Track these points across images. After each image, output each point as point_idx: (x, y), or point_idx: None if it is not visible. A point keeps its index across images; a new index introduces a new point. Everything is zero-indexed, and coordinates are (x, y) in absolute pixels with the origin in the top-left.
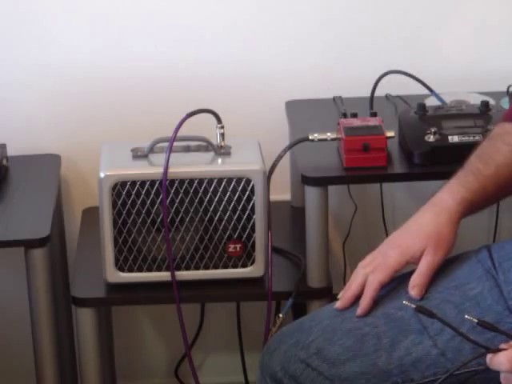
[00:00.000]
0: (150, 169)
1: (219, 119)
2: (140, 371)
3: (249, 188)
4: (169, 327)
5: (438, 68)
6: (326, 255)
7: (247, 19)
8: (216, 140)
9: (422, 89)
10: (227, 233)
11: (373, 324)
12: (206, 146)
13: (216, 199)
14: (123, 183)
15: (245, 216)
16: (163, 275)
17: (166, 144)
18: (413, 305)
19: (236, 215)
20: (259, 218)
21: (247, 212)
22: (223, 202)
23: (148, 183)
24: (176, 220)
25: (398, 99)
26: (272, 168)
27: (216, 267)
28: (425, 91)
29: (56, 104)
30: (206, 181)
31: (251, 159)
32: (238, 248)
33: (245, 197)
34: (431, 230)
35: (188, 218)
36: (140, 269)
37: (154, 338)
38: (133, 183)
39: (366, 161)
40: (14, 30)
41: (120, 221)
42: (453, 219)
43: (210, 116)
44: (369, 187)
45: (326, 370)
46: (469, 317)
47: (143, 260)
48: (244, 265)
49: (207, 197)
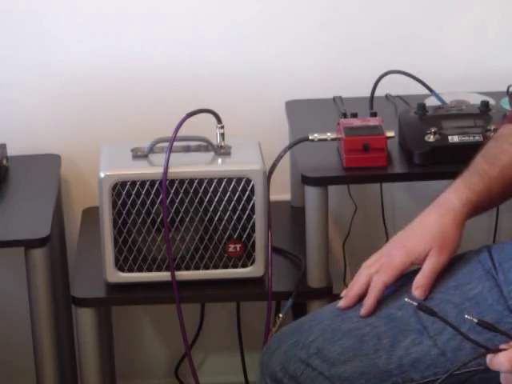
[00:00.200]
0: (150, 169)
1: (219, 119)
2: (140, 371)
3: (249, 188)
4: (169, 327)
5: (438, 68)
6: (326, 255)
7: (247, 19)
8: (216, 140)
9: (422, 89)
10: (227, 233)
11: (373, 324)
12: (206, 146)
13: (216, 199)
14: (123, 183)
15: (245, 216)
16: (163, 275)
17: (166, 144)
18: (414, 302)
19: (236, 215)
20: (259, 218)
21: (247, 212)
22: (223, 202)
23: (148, 183)
24: (176, 220)
25: (398, 99)
26: (272, 168)
27: (216, 267)
28: (425, 91)
29: (56, 104)
30: (206, 181)
31: (251, 159)
32: (238, 248)
33: (245, 197)
34: (436, 231)
35: (188, 218)
36: (140, 269)
37: (154, 338)
38: (133, 183)
39: (366, 161)
40: (14, 30)
41: (120, 221)
42: (458, 220)
43: (210, 116)
44: (369, 187)
45: (326, 370)
46: (469, 316)
47: (143, 260)
48: (244, 265)
49: (207, 197)
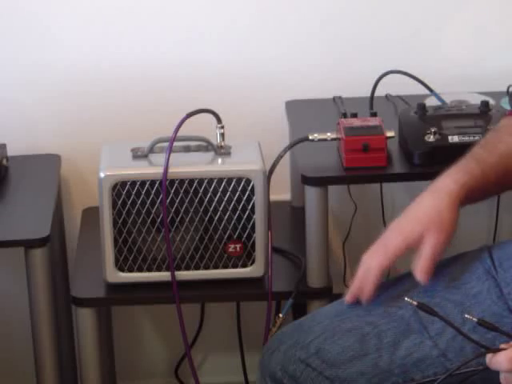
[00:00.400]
0: (150, 169)
1: (219, 119)
2: (140, 371)
3: (249, 188)
4: (169, 327)
5: (438, 68)
6: (326, 255)
7: (247, 19)
8: (216, 140)
9: (422, 89)
10: (227, 233)
11: (373, 323)
12: (206, 146)
13: (216, 199)
14: (123, 183)
15: (245, 216)
16: (163, 275)
17: (166, 144)
18: (414, 302)
19: (236, 215)
20: (259, 218)
21: (247, 212)
22: (223, 202)
23: (148, 183)
24: (176, 220)
25: (398, 99)
26: (272, 168)
27: (216, 267)
28: (425, 91)
29: (56, 104)
30: (206, 181)
31: (251, 159)
32: (238, 248)
33: (245, 197)
34: (432, 214)
35: (188, 218)
36: (140, 269)
37: (154, 338)
38: (133, 183)
39: (366, 161)
40: (14, 30)
41: (120, 221)
42: (454, 203)
43: (210, 116)
44: (369, 187)
45: (326, 370)
46: (469, 316)
47: (143, 260)
48: (244, 265)
49: (207, 197)
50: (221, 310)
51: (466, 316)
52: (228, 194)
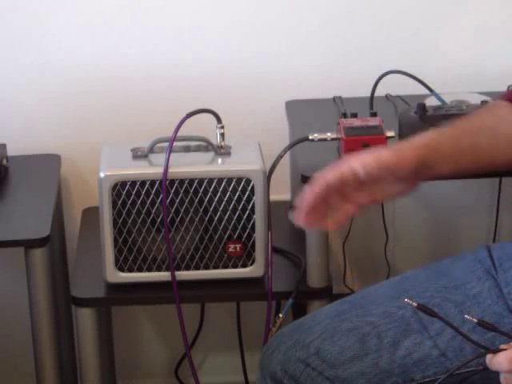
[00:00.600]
0: (150, 169)
1: (219, 119)
2: (140, 371)
3: (249, 188)
4: (169, 327)
5: (438, 68)
6: (326, 255)
7: (247, 19)
8: (216, 140)
9: (422, 89)
10: (227, 233)
11: (373, 323)
12: (206, 146)
13: (216, 199)
14: (123, 183)
15: (245, 216)
16: (163, 275)
17: (166, 144)
18: (414, 303)
19: (236, 215)
20: (259, 218)
21: (247, 212)
22: (223, 202)
23: (148, 183)
24: (176, 220)
25: (398, 99)
26: (272, 168)
27: (216, 267)
28: (425, 91)
29: (56, 104)
30: (206, 181)
31: (251, 159)
32: (238, 248)
33: (245, 197)
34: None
35: (188, 218)
36: (140, 269)
37: (154, 338)
38: (133, 183)
39: None
40: (14, 30)
41: (120, 221)
42: (417, 144)
43: (210, 116)
44: None
45: (326, 370)
46: (469, 317)
47: (143, 260)
48: (244, 265)
49: (207, 197)
50: (221, 310)
51: (466, 317)
52: (228, 194)
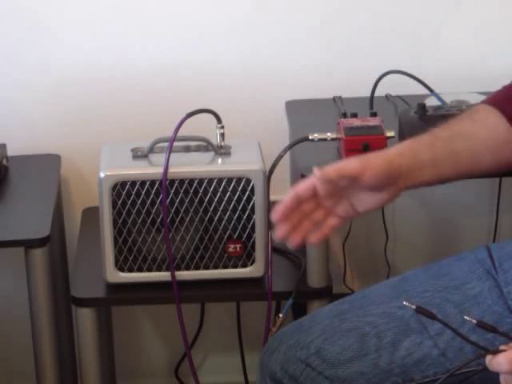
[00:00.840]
0: (150, 169)
1: (219, 119)
2: (140, 371)
3: (249, 188)
4: (169, 327)
5: (438, 68)
6: (326, 255)
7: (247, 19)
8: (216, 140)
9: (422, 89)
10: (227, 233)
11: (373, 323)
12: (206, 146)
13: (216, 199)
14: (123, 183)
15: (245, 216)
16: (163, 275)
17: (166, 144)
18: (413, 306)
19: (236, 215)
20: (259, 218)
21: (247, 212)
22: (223, 202)
23: (148, 183)
24: (176, 220)
25: (398, 99)
26: (272, 168)
27: (216, 267)
28: (425, 91)
29: (56, 104)
30: (206, 181)
31: (251, 159)
32: (238, 248)
33: (245, 197)
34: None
35: (188, 218)
36: (140, 269)
37: (154, 338)
38: (133, 183)
39: None
40: (14, 30)
41: (120, 221)
42: (386, 156)
43: (210, 116)
44: None
45: (326, 370)
46: (468, 317)
47: (143, 260)
48: (244, 265)
49: (207, 197)
50: (221, 310)
51: (466, 317)
52: (228, 194)
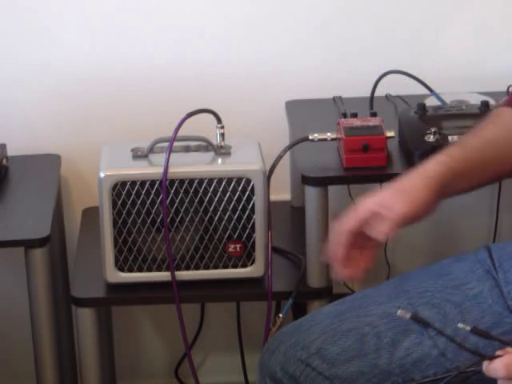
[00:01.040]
0: (150, 169)
1: (219, 119)
2: (140, 371)
3: (249, 188)
4: (169, 327)
5: (438, 68)
6: None
7: (247, 19)
8: (216, 140)
9: (422, 89)
10: (227, 233)
11: (373, 324)
12: (206, 146)
13: (216, 199)
14: (123, 183)
15: (245, 216)
16: (163, 275)
17: (166, 144)
18: (407, 315)
19: (236, 215)
20: (259, 218)
21: (247, 212)
22: (223, 202)
23: (148, 183)
24: (176, 220)
25: (398, 99)
26: (272, 168)
27: (216, 267)
28: (425, 91)
29: (56, 104)
30: (206, 181)
31: (251, 159)
32: (238, 248)
33: (245, 197)
34: (406, 186)
35: (188, 218)
36: (140, 269)
37: (154, 338)
38: (133, 183)
39: (366, 161)
40: (14, 30)
41: (120, 221)
42: (431, 183)
43: (210, 116)
44: (369, 187)
45: (326, 370)
46: (462, 325)
47: (143, 260)
48: (244, 265)
49: (207, 197)
50: (221, 310)
51: (459, 325)
52: (228, 194)
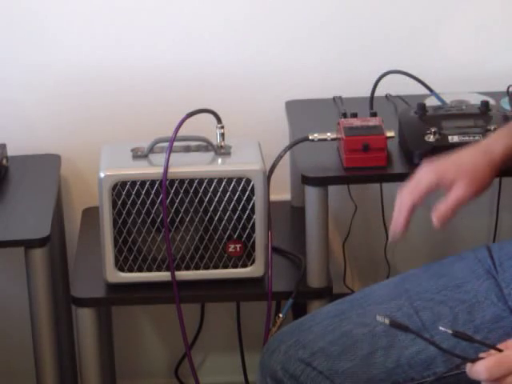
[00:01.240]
0: (150, 169)
1: (219, 119)
2: (140, 371)
3: (249, 188)
4: (169, 327)
5: (438, 68)
6: (326, 255)
7: (247, 19)
8: (216, 140)
9: (422, 89)
10: (227, 233)
11: (373, 323)
12: (206, 146)
13: (216, 199)
14: (123, 183)
15: (245, 216)
16: (163, 275)
17: (166, 144)
18: (386, 320)
19: (236, 215)
20: (259, 218)
21: (247, 212)
22: (223, 202)
23: (148, 183)
24: (176, 220)
25: (398, 99)
26: (272, 168)
27: (216, 267)
28: (425, 91)
29: (56, 104)
30: (206, 181)
31: (251, 159)
32: (238, 248)
33: (245, 197)
34: (469, 167)
35: (188, 218)
36: (140, 269)
37: (154, 338)
38: (133, 183)
39: (366, 161)
40: (14, 30)
41: (120, 221)
42: (493, 161)
43: (210, 116)
44: (369, 187)
45: (327, 370)
46: (443, 328)
47: (143, 260)
48: (244, 265)
49: (207, 197)
50: (221, 310)
51: (441, 328)
52: (228, 194)
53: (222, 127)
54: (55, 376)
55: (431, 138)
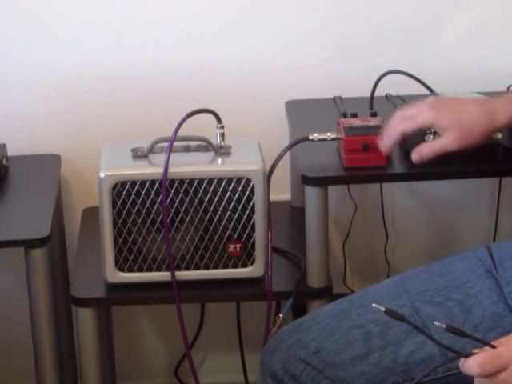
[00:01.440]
0: (150, 169)
1: (219, 119)
2: (140, 371)
3: (249, 188)
4: (169, 327)
5: (438, 68)
6: (326, 255)
7: (247, 19)
8: (216, 140)
9: (422, 89)
10: (227, 233)
11: (373, 323)
12: (206, 146)
13: (216, 199)
14: (123, 183)
15: (245, 216)
16: (163, 275)
17: (166, 144)
18: (382, 308)
19: (236, 215)
20: (259, 218)
21: (247, 212)
22: (223, 202)
23: (148, 183)
24: (176, 220)
25: (398, 99)
26: (272, 168)
27: (216, 267)
28: (425, 91)
29: (56, 104)
30: (206, 181)
31: (251, 159)
32: (238, 248)
33: (245, 197)
34: (466, 123)
35: (188, 218)
36: (140, 269)
37: (154, 338)
38: (133, 183)
39: (366, 161)
40: (14, 30)
41: (120, 221)
42: (493, 122)
43: (210, 116)
44: (369, 187)
45: (327, 369)
46: (437, 323)
47: (143, 260)
48: (244, 265)
49: (207, 197)
50: (221, 310)
51: (435, 323)
52: (228, 194)
53: (222, 127)
54: (55, 376)
55: (431, 138)
